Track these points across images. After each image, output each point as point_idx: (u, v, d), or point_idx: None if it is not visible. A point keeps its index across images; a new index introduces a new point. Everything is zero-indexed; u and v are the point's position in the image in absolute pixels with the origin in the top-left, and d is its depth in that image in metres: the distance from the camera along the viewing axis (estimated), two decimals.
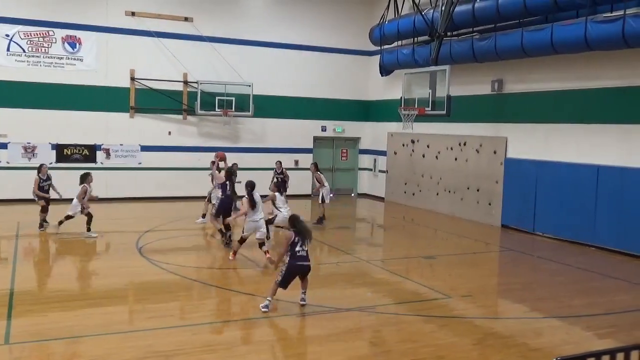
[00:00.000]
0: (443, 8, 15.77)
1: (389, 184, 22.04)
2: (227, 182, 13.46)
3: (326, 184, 16.49)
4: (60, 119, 18.95)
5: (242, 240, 11.71)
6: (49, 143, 19.00)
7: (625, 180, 13.32)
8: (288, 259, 8.69)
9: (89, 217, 13.80)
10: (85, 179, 13.91)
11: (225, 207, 13.24)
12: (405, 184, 21.00)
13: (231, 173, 13.80)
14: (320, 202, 16.30)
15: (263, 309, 8.53)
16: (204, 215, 15.70)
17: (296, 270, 8.70)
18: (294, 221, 8.97)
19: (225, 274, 11.31)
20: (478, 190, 17.72)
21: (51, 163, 18.74)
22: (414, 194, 20.60)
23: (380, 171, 22.84)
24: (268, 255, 11.39)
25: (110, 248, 13.50)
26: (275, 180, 17.46)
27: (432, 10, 17.12)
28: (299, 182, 20.44)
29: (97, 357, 6.83)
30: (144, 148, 20.06)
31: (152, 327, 7.89)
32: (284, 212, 12.86)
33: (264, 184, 20.07)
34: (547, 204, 15.30)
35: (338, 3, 22.49)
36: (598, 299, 9.99)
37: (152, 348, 7.10)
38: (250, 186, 11.42)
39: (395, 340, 7.78)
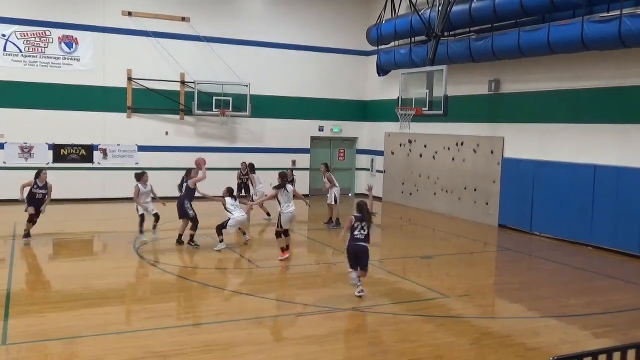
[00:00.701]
0: (440, 8, 15.80)
1: (386, 183, 22.05)
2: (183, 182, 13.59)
3: (337, 184, 16.26)
4: (57, 119, 18.92)
5: (283, 233, 11.93)
6: (46, 143, 18.97)
7: (622, 179, 13.34)
8: (348, 241, 9.49)
9: (156, 217, 13.92)
10: (139, 178, 13.85)
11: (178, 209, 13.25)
12: (403, 183, 21.02)
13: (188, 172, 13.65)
14: (332, 202, 16.12)
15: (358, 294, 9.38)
16: (268, 214, 16.72)
17: (351, 250, 9.39)
18: (359, 206, 9.65)
19: (223, 274, 11.31)
20: (475, 190, 17.74)
21: (48, 163, 18.76)
22: (411, 194, 20.62)
23: (377, 171, 22.85)
24: (285, 255, 11.96)
25: (107, 248, 13.49)
26: (238, 182, 17.02)
27: (429, 10, 17.15)
28: (298, 183, 20.36)
29: (94, 358, 6.83)
30: (141, 148, 20.04)
31: (150, 327, 7.89)
32: (236, 215, 12.74)
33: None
34: (545, 204, 15.33)
35: (335, 3, 22.49)
36: (595, 298, 10.02)
37: (150, 348, 7.09)
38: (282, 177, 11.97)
39: (393, 340, 7.79)
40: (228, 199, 13.07)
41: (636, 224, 12.98)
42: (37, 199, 13.11)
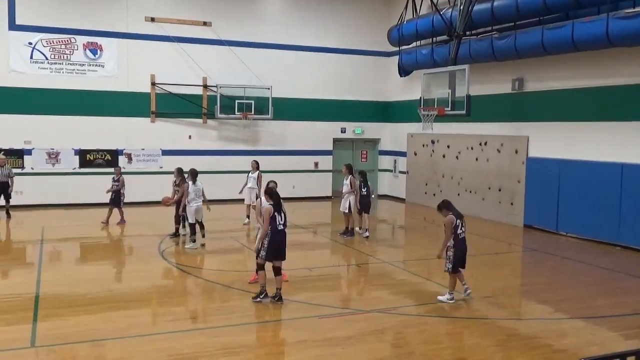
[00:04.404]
0: (462, 7, 15.70)
1: (409, 184, 21.95)
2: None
3: (357, 191, 14.74)
4: (83, 125, 19.20)
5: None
6: (72, 148, 19.27)
7: None
8: (453, 242, 9.28)
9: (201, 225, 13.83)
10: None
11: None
12: (426, 184, 20.89)
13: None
14: (347, 210, 14.84)
15: (450, 301, 9.25)
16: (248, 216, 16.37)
17: (463, 250, 9.32)
18: (448, 205, 9.59)
19: (247, 277, 11.34)
20: (500, 190, 17.56)
21: (74, 168, 19.10)
22: (434, 195, 20.46)
23: (400, 172, 22.76)
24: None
25: (132, 252, 13.64)
26: (112, 186, 15.96)
27: (450, 10, 17.04)
28: (320, 185, 20.46)
29: None
30: (165, 152, 20.24)
31: (174, 330, 7.96)
32: (192, 204, 13.18)
33: (281, 186, 20.13)
34: (571, 203, 15.11)
35: (356, 4, 22.47)
36: (623, 299, 9.84)
37: (174, 351, 7.15)
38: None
39: (417, 342, 7.74)
40: (191, 185, 13.31)
41: None
42: None
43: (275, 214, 8.97)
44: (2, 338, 7.52)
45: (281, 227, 9.03)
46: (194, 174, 13.46)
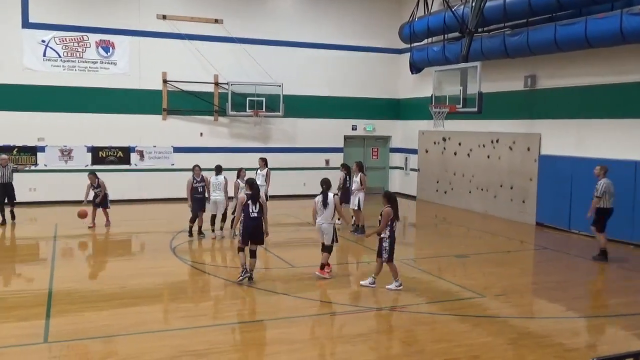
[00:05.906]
0: (473, 4, 15.62)
1: (420, 182, 21.89)
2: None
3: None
4: (95, 122, 19.31)
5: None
6: (85, 146, 19.38)
7: None
8: (388, 234, 9.80)
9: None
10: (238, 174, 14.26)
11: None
12: (437, 182, 20.83)
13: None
14: (356, 207, 14.96)
15: (398, 288, 9.73)
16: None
17: (395, 242, 9.88)
18: (390, 197, 10.04)
19: (258, 274, 11.36)
20: (511, 187, 17.47)
21: (87, 165, 19.20)
22: (445, 192, 20.43)
23: (411, 169, 22.70)
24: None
25: (144, 248, 13.71)
26: (94, 194, 15.31)
27: (462, 6, 16.97)
28: (331, 182, 20.33)
29: (131, 356, 6.95)
30: (177, 149, 20.31)
31: (185, 326, 7.99)
32: (211, 196, 13.91)
33: (292, 183, 20.22)
34: (583, 201, 14.92)
35: (367, 1, 22.41)
36: (636, 297, 9.75)
37: (185, 347, 7.18)
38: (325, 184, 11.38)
39: (428, 340, 7.73)
40: (212, 178, 13.86)
41: None
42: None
43: (249, 202, 9.93)
44: (15, 333, 7.59)
45: (254, 214, 9.93)
46: (217, 168, 14.17)
